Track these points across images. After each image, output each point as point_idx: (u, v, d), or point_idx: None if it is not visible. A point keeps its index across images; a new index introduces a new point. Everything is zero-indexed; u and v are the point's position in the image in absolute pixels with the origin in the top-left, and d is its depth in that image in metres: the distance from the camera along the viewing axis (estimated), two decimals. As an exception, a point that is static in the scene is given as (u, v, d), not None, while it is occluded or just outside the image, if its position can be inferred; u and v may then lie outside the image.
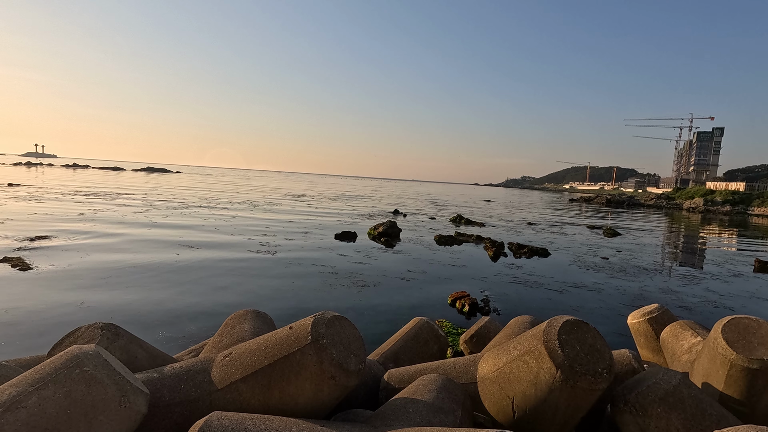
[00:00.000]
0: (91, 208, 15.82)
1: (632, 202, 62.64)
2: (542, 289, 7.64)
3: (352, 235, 12.39)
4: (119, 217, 13.76)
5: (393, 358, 2.62)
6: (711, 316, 6.51)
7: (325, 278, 7.40)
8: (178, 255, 8.47)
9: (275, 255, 9.10)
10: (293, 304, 5.88)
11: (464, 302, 6.11)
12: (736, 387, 1.87)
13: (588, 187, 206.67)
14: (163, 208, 17.52)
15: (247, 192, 33.99)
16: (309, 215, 18.33)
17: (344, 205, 26.32)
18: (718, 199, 61.04)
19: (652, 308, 3.04)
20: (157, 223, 12.78)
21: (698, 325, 2.69)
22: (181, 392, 1.68)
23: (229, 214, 16.91)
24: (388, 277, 7.76)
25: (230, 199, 25.24)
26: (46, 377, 1.32)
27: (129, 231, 11.01)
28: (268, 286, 6.72)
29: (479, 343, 3.01)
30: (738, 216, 45.93)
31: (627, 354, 2.41)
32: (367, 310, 5.80)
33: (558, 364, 1.59)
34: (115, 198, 20.83)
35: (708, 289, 8.42)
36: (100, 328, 2.01)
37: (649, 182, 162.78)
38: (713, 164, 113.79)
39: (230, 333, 2.33)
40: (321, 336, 1.62)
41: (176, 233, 11.17)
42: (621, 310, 6.47)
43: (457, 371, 2.06)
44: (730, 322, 1.97)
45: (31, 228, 10.49)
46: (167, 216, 14.83)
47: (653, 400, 1.64)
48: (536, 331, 1.76)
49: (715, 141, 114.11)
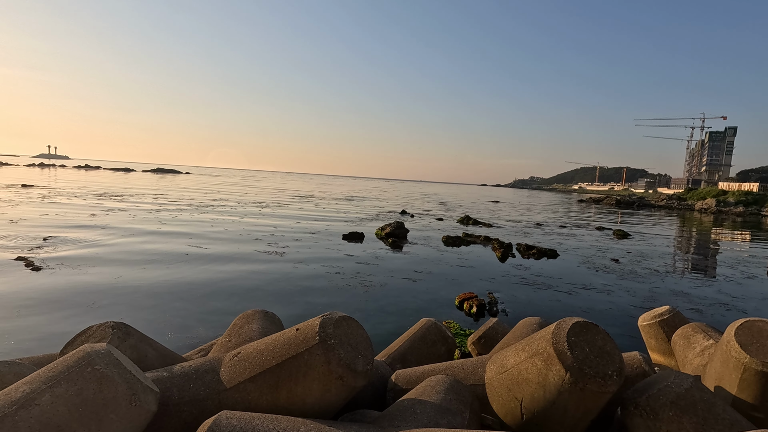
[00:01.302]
0: (102, 208, 16.04)
1: (642, 203, 61.90)
2: (551, 290, 7.58)
3: (359, 236, 12.41)
4: (130, 217, 13.93)
5: (400, 359, 2.62)
6: (723, 319, 6.41)
7: (332, 279, 7.42)
8: (188, 255, 8.55)
9: (283, 256, 9.14)
10: (301, 305, 5.90)
11: (472, 303, 6.08)
12: (749, 391, 1.84)
13: (597, 188, 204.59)
14: (173, 208, 17.71)
15: (255, 193, 34.21)
16: (317, 216, 18.40)
17: (351, 205, 26.37)
18: (731, 199, 60.06)
19: (663, 310, 3.00)
20: (167, 223, 12.92)
21: (710, 328, 2.65)
22: (190, 391, 1.69)
23: (237, 214, 17.03)
24: (395, 278, 7.75)
25: (239, 199, 25.42)
26: (59, 375, 1.34)
27: (139, 232, 11.14)
28: (276, 286, 6.76)
29: (487, 344, 3.00)
30: (751, 217, 45.13)
31: (637, 356, 2.38)
32: (374, 311, 5.80)
33: (567, 367, 1.57)
34: (126, 199, 21.09)
35: (720, 291, 8.29)
36: (111, 327, 2.04)
37: (660, 183, 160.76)
38: (726, 164, 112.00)
39: (239, 333, 2.35)
40: (329, 336, 1.63)
41: (185, 233, 11.28)
42: (631, 312, 6.40)
43: (465, 373, 2.05)
44: (744, 325, 1.94)
45: (44, 228, 10.66)
46: (177, 216, 14.98)
47: (664, 403, 1.61)
48: (545, 332, 1.74)
49: (728, 141, 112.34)
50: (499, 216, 25.55)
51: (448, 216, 22.80)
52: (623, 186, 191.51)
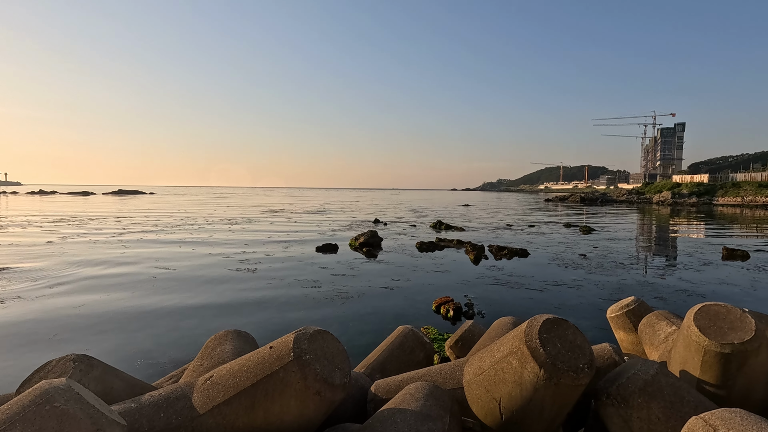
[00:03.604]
0: (59, 235, 15.23)
1: (605, 199, 64.53)
2: (524, 289, 7.75)
3: (333, 247, 12.32)
4: (90, 243, 13.29)
5: (380, 369, 2.60)
6: (685, 304, 6.73)
7: (307, 292, 7.32)
8: (155, 278, 8.23)
9: (255, 272, 8.95)
10: (276, 321, 5.78)
11: (448, 307, 6.13)
12: (711, 372, 1.94)
13: (562, 187, 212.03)
14: (137, 230, 17.03)
15: (223, 210, 33.42)
16: (288, 230, 18.14)
17: (323, 217, 26.18)
18: (685, 191, 63.59)
19: (628, 301, 3.12)
20: (130, 247, 12.39)
21: (672, 315, 2.78)
22: (161, 421, 1.62)
23: (205, 233, 16.56)
24: (372, 287, 7.73)
25: (206, 218, 24.75)
26: (14, 417, 1.25)
27: (101, 257, 10.64)
28: (249, 304, 6.60)
29: (464, 347, 3.03)
30: (704, 206, 47.90)
31: (608, 348, 2.46)
32: (351, 322, 5.75)
33: (541, 363, 1.61)
34: (85, 224, 20.12)
35: (681, 279, 8.71)
36: (73, 360, 1.93)
37: (620, 178, 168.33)
38: (678, 158, 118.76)
39: (211, 355, 2.27)
40: (304, 352, 1.60)
41: (151, 255, 10.86)
42: (601, 305, 6.62)
43: (444, 377, 2.06)
44: (701, 310, 2.04)
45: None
46: (140, 239, 14.41)
47: (633, 391, 1.68)
48: (518, 331, 1.78)
49: (678, 136, 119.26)
50: (471, 219, 25.99)
51: (420, 222, 23.00)
52: (586, 183, 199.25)
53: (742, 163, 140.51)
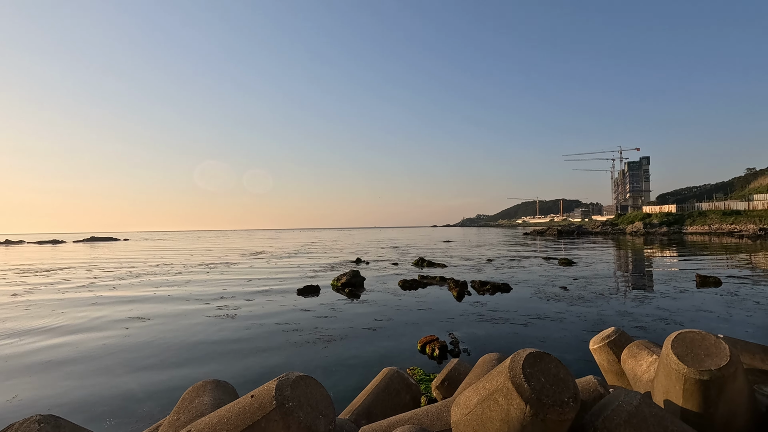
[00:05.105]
0: (26, 286, 14.51)
1: (581, 231, 66.23)
2: (508, 324, 7.73)
3: (315, 289, 12.10)
4: (59, 293, 12.68)
5: (365, 414, 2.52)
6: (663, 332, 6.83)
7: (289, 336, 7.10)
8: (128, 329, 7.86)
9: (235, 318, 8.67)
10: (257, 368, 5.56)
11: (434, 346, 6.05)
12: (693, 400, 1.96)
13: (539, 221, 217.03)
14: (110, 278, 16.39)
15: (201, 254, 32.65)
16: (269, 272, 17.79)
17: (305, 258, 25.85)
18: (655, 221, 65.97)
19: (609, 332, 3.16)
20: (103, 297, 11.88)
21: (652, 344, 2.82)
22: (133, 483, 1.52)
23: (182, 279, 16.06)
24: (355, 329, 7.57)
25: (184, 263, 24.09)
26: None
27: (69, 309, 10.14)
28: (229, 351, 6.34)
29: (451, 386, 2.98)
30: (675, 235, 49.62)
31: (592, 380, 2.46)
32: (335, 366, 5.58)
33: (526, 399, 1.60)
34: (54, 273, 19.27)
35: (659, 307, 8.88)
36: (38, 422, 1.82)
37: (594, 211, 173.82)
38: (646, 190, 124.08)
39: (188, 408, 2.17)
40: (286, 399, 1.56)
41: (124, 305, 10.41)
42: (584, 336, 6.65)
43: (431, 419, 2.02)
44: (678, 338, 2.10)
45: (-46, 316, 9.40)
46: (114, 288, 13.85)
47: (618, 423, 1.68)
48: (502, 368, 1.78)
49: (644, 169, 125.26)
50: (452, 255, 26.12)
51: (402, 260, 22.96)
52: (562, 217, 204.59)
53: (705, 192, 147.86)
